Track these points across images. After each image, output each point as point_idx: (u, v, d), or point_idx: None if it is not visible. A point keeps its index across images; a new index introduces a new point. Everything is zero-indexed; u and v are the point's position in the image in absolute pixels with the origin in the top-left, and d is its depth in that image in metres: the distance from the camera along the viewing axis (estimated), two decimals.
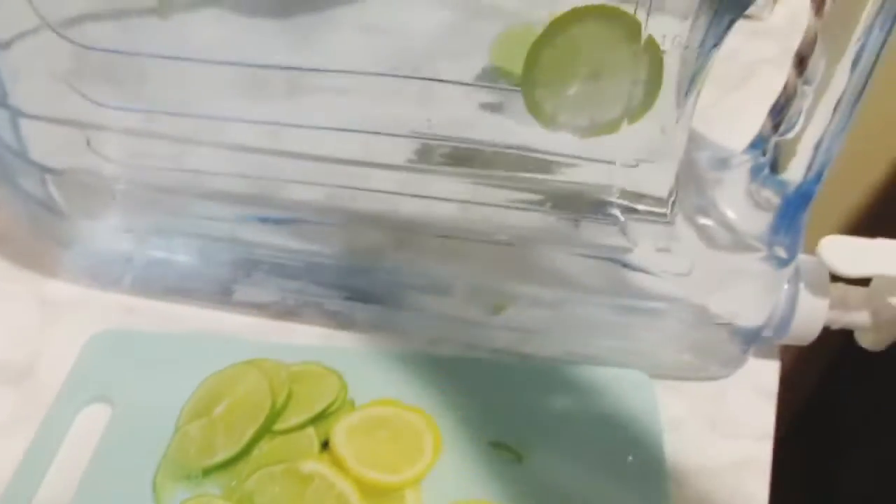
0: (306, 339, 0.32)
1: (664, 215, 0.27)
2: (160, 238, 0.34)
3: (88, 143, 0.32)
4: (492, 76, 0.30)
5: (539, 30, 0.28)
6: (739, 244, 0.28)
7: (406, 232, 0.33)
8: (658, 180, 0.27)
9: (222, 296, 0.34)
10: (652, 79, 0.24)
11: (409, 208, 0.32)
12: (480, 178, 0.31)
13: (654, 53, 0.23)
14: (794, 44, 0.53)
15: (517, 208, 0.31)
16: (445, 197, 0.31)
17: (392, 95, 0.30)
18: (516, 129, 0.29)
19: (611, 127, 0.25)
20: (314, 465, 0.25)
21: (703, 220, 0.28)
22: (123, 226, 0.34)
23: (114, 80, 0.30)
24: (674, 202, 0.27)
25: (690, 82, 0.24)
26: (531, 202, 0.31)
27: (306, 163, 0.31)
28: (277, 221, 0.33)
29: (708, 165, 0.29)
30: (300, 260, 0.33)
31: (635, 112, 0.24)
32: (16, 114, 0.30)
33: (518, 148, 0.29)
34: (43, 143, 0.31)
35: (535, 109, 0.25)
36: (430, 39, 0.28)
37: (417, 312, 0.33)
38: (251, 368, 0.28)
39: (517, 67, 0.30)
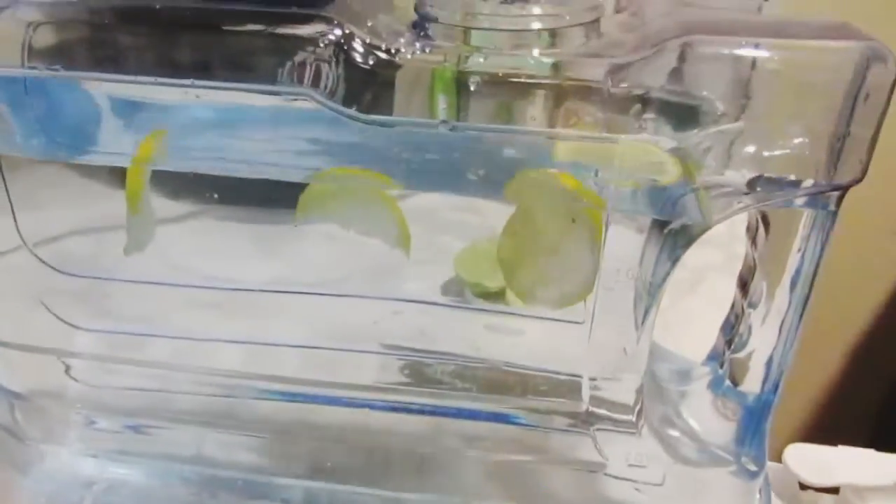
0: None
1: (633, 426, 0.28)
2: (122, 460, 0.33)
3: (67, 370, 0.32)
4: (456, 287, 0.31)
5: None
6: (708, 456, 0.29)
7: (376, 447, 0.33)
8: (623, 395, 0.28)
9: None
10: (594, 242, 0.25)
11: (379, 422, 0.32)
12: (448, 391, 0.31)
13: (590, 218, 0.25)
14: (737, 250, 0.57)
15: (487, 420, 0.32)
16: (413, 410, 0.32)
17: (358, 306, 0.31)
18: (482, 342, 0.30)
19: (578, 296, 0.26)
20: None
21: (670, 431, 0.29)
22: (85, 449, 0.33)
23: (86, 300, 0.31)
24: (640, 413, 0.28)
25: (646, 311, 0.26)
26: (501, 415, 0.32)
27: (271, 382, 0.31)
28: (243, 439, 0.33)
29: (670, 377, 0.31)
30: (267, 479, 0.33)
31: (590, 278, 0.25)
32: None
33: (484, 361, 0.31)
34: (13, 368, 0.31)
35: (515, 290, 0.26)
36: (396, 252, 0.30)
37: None
38: None
39: (481, 279, 0.31)
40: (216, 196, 0.29)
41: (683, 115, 0.24)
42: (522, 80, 0.24)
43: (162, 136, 0.26)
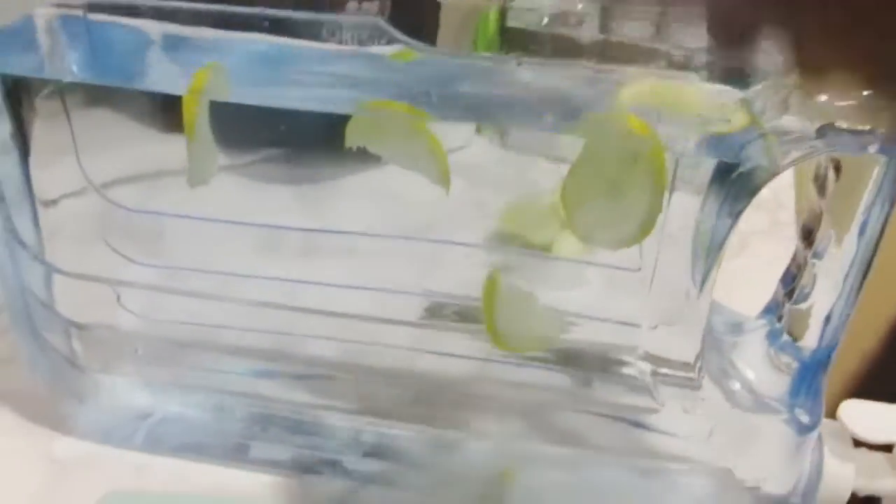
0: (325, 498, 0.31)
1: (691, 378, 0.28)
2: (177, 393, 0.34)
3: (118, 298, 0.32)
4: (500, 240, 0.31)
5: (547, 199, 0.30)
6: (762, 408, 0.28)
7: (420, 389, 0.33)
8: (684, 344, 0.28)
9: (237, 453, 0.33)
10: (657, 183, 0.25)
11: (424, 365, 0.33)
12: None
13: (654, 160, 0.25)
14: (782, 216, 0.56)
15: (533, 366, 0.32)
16: (459, 354, 0.32)
17: (402, 256, 0.31)
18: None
19: (639, 236, 0.26)
20: None
21: (724, 382, 0.29)
22: (141, 381, 0.34)
23: (141, 238, 0.32)
24: (700, 365, 0.28)
25: (713, 255, 0.26)
26: (548, 361, 0.32)
27: (321, 319, 0.31)
28: (294, 377, 0.34)
29: (724, 329, 0.30)
30: (317, 416, 0.33)
31: (648, 222, 0.25)
32: (50, 270, 0.31)
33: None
34: (72, 298, 0.32)
35: (575, 231, 0.26)
36: (439, 205, 0.30)
37: (434, 472, 0.33)
38: None
39: (527, 234, 0.31)
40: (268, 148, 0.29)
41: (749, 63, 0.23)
42: (572, 34, 0.24)
43: (216, 69, 0.26)
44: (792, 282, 0.28)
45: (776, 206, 0.56)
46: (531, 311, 0.29)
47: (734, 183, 0.25)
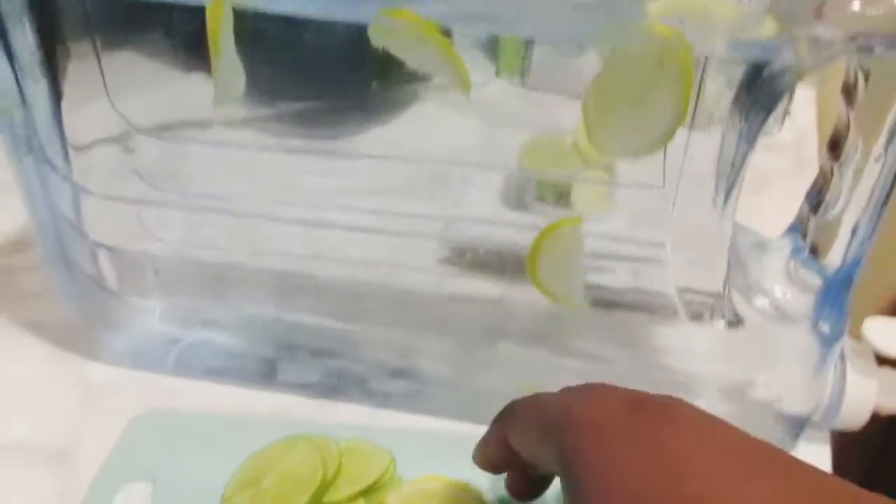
0: (351, 417, 0.32)
1: (718, 294, 0.28)
2: (204, 319, 0.35)
3: (142, 222, 0.33)
4: (519, 181, 0.31)
5: (568, 138, 0.30)
6: (785, 321, 0.29)
7: (445, 311, 0.33)
8: (710, 261, 0.28)
9: (265, 376, 0.34)
10: (685, 86, 0.25)
11: (448, 287, 0.33)
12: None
13: (679, 64, 0.25)
14: (804, 157, 0.56)
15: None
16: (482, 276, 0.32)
17: (423, 199, 0.31)
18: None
19: (659, 144, 0.26)
20: None
21: (749, 299, 0.29)
22: (169, 306, 0.35)
23: (168, 166, 0.32)
24: (726, 282, 0.28)
25: (734, 178, 0.26)
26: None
27: (347, 237, 0.32)
28: (319, 301, 0.34)
29: (747, 249, 0.30)
30: (342, 339, 0.34)
31: (673, 125, 0.25)
32: (78, 190, 0.31)
33: None
34: (100, 220, 0.32)
35: (597, 142, 0.26)
36: (458, 147, 0.30)
37: (460, 390, 0.33)
38: (300, 441, 0.28)
39: (547, 171, 0.31)
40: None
41: None
42: None
43: None
44: (818, 195, 0.27)
45: (798, 146, 0.56)
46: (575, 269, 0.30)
47: (761, 87, 0.25)
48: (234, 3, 0.25)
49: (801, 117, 0.60)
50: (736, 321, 0.29)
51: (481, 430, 0.25)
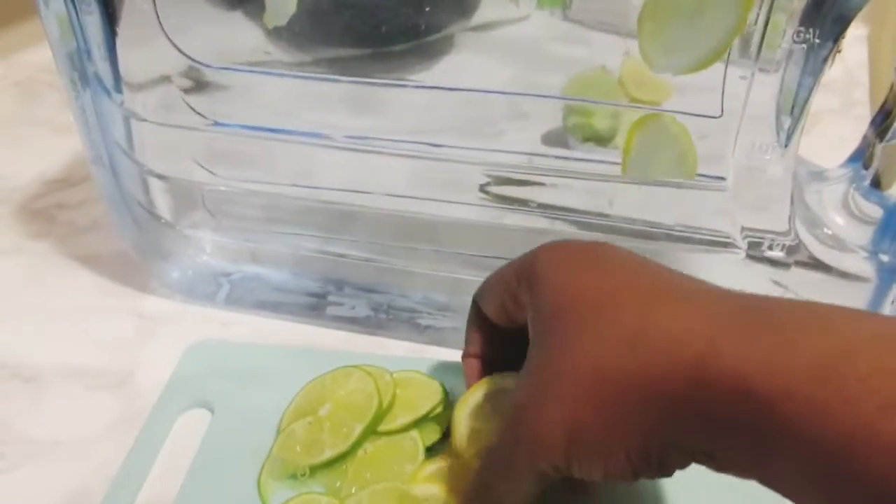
0: (400, 351, 0.32)
1: (786, 231, 0.28)
2: (255, 252, 0.35)
3: (193, 152, 0.33)
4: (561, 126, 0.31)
5: (612, 74, 0.29)
6: (845, 250, 0.28)
7: (491, 244, 0.33)
8: (776, 196, 0.27)
9: (315, 311, 0.34)
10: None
11: (493, 221, 0.33)
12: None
13: None
14: (854, 97, 0.54)
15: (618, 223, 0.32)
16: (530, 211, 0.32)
17: (467, 137, 0.31)
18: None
19: (708, 61, 0.25)
20: (429, 489, 0.25)
21: (812, 228, 0.28)
22: (219, 239, 0.35)
23: (219, 98, 0.32)
24: (792, 217, 0.27)
25: (799, 110, 0.25)
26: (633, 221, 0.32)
27: (391, 170, 0.31)
28: (366, 238, 0.34)
29: (805, 179, 0.30)
30: (389, 274, 0.34)
31: (727, 41, 0.25)
32: (130, 116, 0.31)
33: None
34: (152, 148, 0.33)
35: (646, 58, 0.26)
36: (501, 88, 0.30)
37: None
38: (355, 370, 0.28)
39: (590, 107, 0.31)
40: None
41: None
42: None
43: None
44: (884, 120, 0.27)
45: (848, 86, 0.54)
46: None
47: (829, 9, 0.24)
48: None
49: (852, 56, 0.58)
50: (800, 254, 0.28)
51: None
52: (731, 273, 0.30)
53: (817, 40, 0.25)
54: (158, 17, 0.29)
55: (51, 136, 0.47)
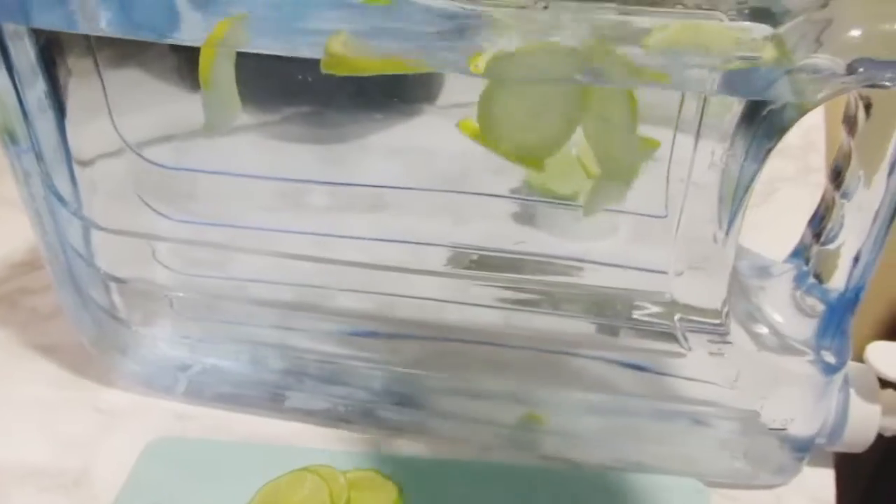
0: (359, 446, 0.33)
1: (718, 323, 0.28)
2: (213, 345, 0.35)
3: (154, 254, 0.33)
4: (527, 191, 0.31)
5: (574, 151, 0.30)
6: (787, 348, 0.29)
7: (449, 340, 0.34)
8: (710, 289, 0.28)
9: (273, 403, 0.34)
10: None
11: (452, 316, 0.33)
12: (520, 286, 0.32)
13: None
14: (811, 162, 0.55)
15: (558, 315, 0.32)
16: (485, 304, 0.33)
17: (429, 209, 0.31)
18: (553, 242, 0.31)
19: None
20: None
21: (751, 325, 0.29)
22: (178, 333, 0.35)
23: (173, 194, 0.32)
24: (727, 310, 0.28)
25: (740, 199, 0.26)
26: (572, 311, 0.33)
27: (349, 271, 0.32)
28: (325, 329, 0.34)
29: (750, 273, 0.30)
30: (348, 367, 0.34)
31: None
32: (88, 225, 0.32)
33: (559, 258, 0.31)
34: (109, 253, 0.33)
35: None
36: (463, 159, 0.30)
37: (466, 420, 0.34)
38: (309, 475, 0.28)
39: (553, 185, 0.32)
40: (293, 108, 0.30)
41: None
42: None
43: (239, 20, 0.26)
44: (820, 223, 0.28)
45: (804, 152, 0.56)
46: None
47: (763, 122, 0.25)
48: (233, 45, 0.25)
49: (809, 119, 0.60)
50: (739, 349, 0.29)
51: (489, 458, 0.25)
52: (680, 366, 0.30)
53: (755, 142, 0.26)
54: (108, 104, 0.30)
55: (14, 215, 0.47)
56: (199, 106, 0.29)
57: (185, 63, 0.29)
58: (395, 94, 0.29)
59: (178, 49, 0.28)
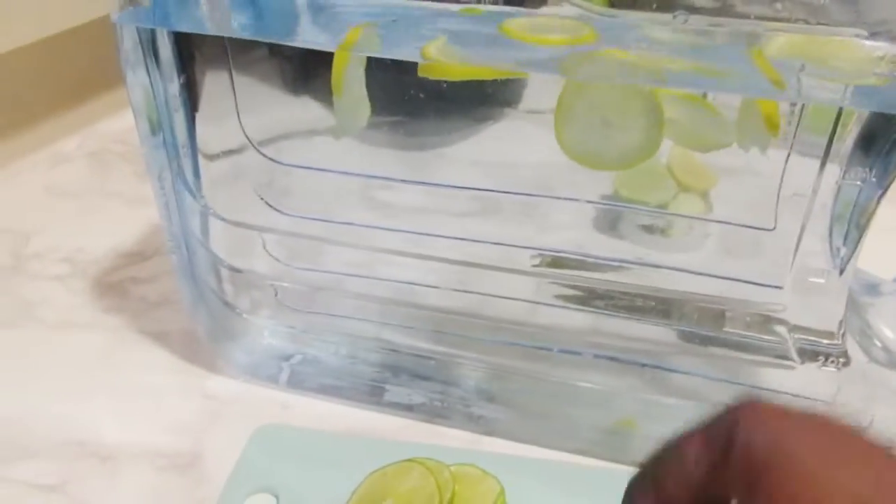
0: (458, 442, 0.33)
1: (835, 340, 0.28)
2: (314, 336, 0.37)
3: (264, 244, 0.35)
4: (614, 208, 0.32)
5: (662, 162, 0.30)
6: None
7: (541, 343, 0.34)
8: (828, 306, 0.28)
9: (373, 396, 0.35)
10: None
11: (543, 319, 0.34)
12: (622, 291, 0.32)
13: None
14: None
15: (658, 325, 0.33)
16: (575, 307, 0.33)
17: (519, 214, 0.32)
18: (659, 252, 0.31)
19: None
20: None
21: (863, 342, 0.29)
22: (282, 323, 0.37)
23: (283, 190, 0.34)
24: (844, 329, 0.28)
25: (861, 222, 0.26)
26: (670, 321, 0.33)
27: (446, 270, 0.33)
28: (421, 326, 0.35)
29: (860, 291, 0.30)
30: (441, 364, 0.35)
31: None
32: (208, 213, 0.33)
33: (668, 268, 0.31)
34: (224, 242, 0.35)
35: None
36: (548, 171, 0.31)
37: (558, 421, 0.34)
38: (416, 465, 0.29)
39: (643, 196, 0.32)
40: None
41: None
42: None
43: (369, 27, 0.27)
44: None
45: None
46: None
47: (888, 143, 0.25)
48: (362, 52, 0.27)
49: None
50: (847, 363, 0.29)
51: (584, 463, 0.25)
52: (784, 383, 0.30)
53: (873, 179, 0.26)
54: (236, 103, 0.31)
55: (123, 209, 0.49)
56: (314, 109, 0.31)
57: (300, 69, 0.31)
58: (485, 101, 0.30)
59: (295, 57, 0.29)
